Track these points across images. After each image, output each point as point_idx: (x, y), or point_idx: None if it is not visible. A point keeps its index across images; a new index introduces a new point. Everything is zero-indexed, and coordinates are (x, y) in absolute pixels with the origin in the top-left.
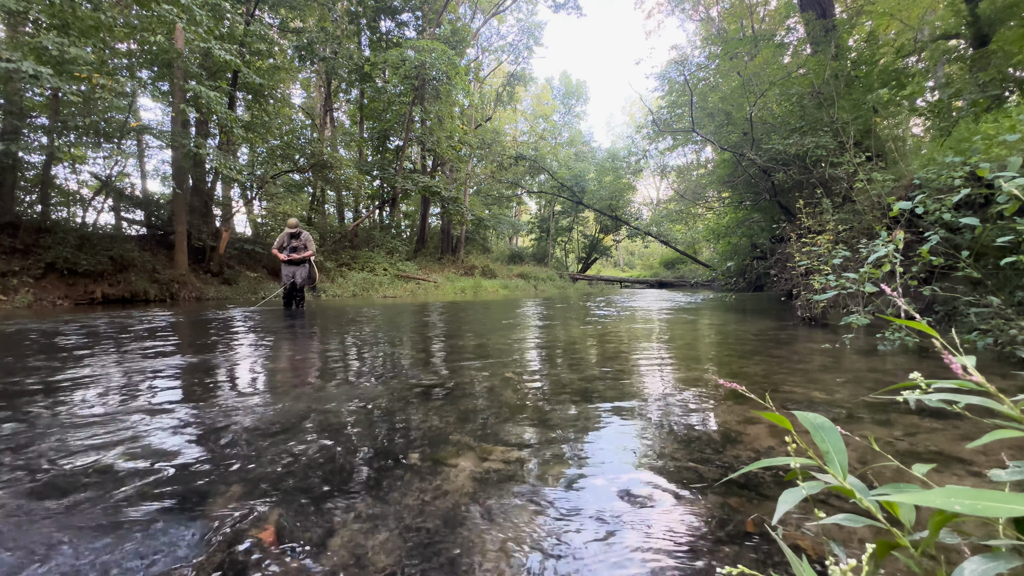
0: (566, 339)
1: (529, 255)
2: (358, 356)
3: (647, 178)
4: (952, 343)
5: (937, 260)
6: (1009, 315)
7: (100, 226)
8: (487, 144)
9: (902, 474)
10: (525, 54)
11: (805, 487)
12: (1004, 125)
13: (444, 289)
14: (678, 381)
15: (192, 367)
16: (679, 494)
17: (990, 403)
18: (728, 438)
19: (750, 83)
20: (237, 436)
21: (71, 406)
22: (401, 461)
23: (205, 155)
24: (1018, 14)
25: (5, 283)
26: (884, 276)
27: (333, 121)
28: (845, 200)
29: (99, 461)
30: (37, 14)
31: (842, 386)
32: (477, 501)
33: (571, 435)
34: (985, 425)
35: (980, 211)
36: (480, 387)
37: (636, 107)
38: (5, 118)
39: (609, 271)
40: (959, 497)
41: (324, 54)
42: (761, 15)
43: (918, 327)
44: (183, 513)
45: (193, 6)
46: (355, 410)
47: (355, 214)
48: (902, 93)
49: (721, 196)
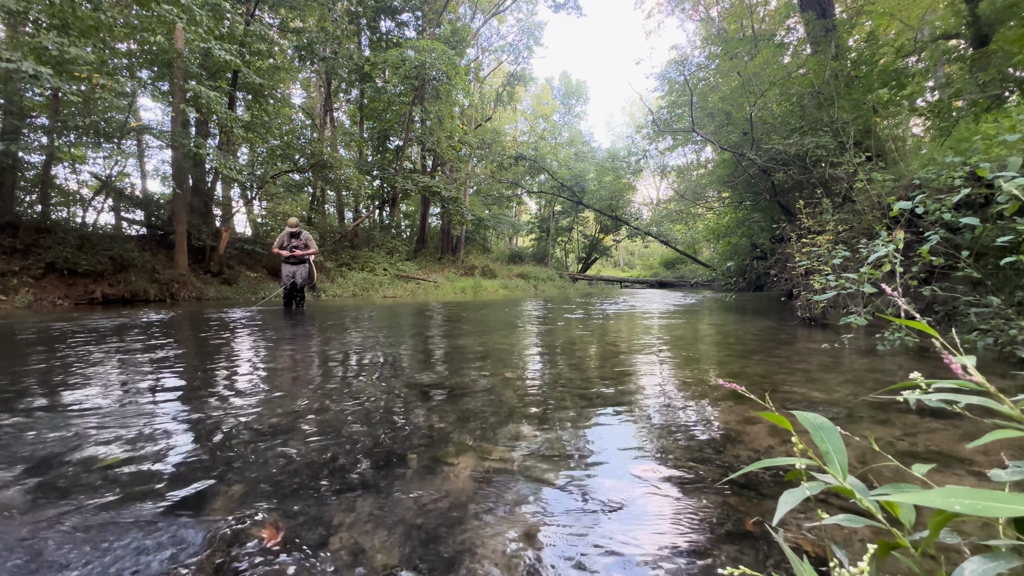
0: (566, 339)
1: (529, 255)
2: (358, 356)
3: (647, 178)
4: (952, 343)
5: (937, 260)
6: (1009, 315)
7: (100, 226)
8: (487, 144)
9: (902, 474)
10: (525, 54)
11: (807, 487)
12: (1004, 125)
13: (444, 289)
14: (678, 381)
15: (192, 367)
16: (679, 494)
17: (990, 403)
18: (728, 438)
19: (750, 83)
20: (237, 436)
21: (71, 406)
22: (401, 460)
23: (205, 155)
24: (1018, 14)
25: (5, 283)
26: (884, 276)
27: (333, 121)
28: (845, 200)
29: (99, 461)
30: (37, 14)
31: (842, 386)
32: (477, 501)
33: (571, 435)
34: (985, 425)
35: (980, 211)
36: (480, 387)
37: (636, 107)
38: (5, 118)
39: (609, 271)
40: (959, 497)
41: (324, 54)
42: (761, 15)
43: (918, 327)
44: (183, 512)
45: (193, 6)
46: (355, 410)
47: (355, 214)
48: (902, 93)
49: (721, 196)
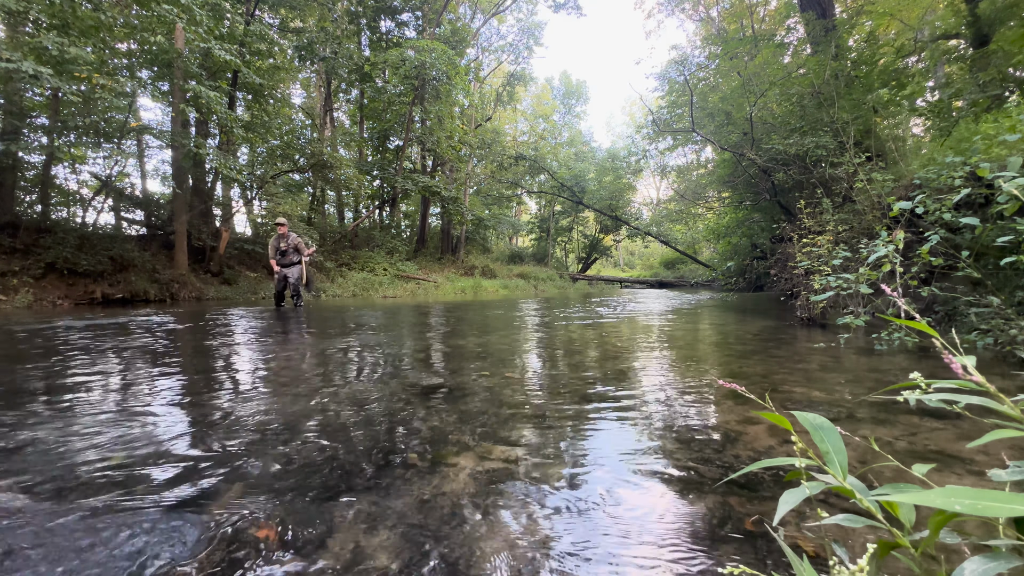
0: (566, 339)
1: (529, 255)
2: (358, 356)
3: (647, 178)
4: (952, 343)
5: (937, 260)
6: (1009, 315)
7: (100, 226)
8: (487, 144)
9: (902, 474)
10: (525, 54)
11: (807, 487)
12: (1004, 125)
13: (444, 289)
14: (678, 381)
15: (192, 367)
16: (679, 494)
17: (990, 403)
18: (728, 438)
19: (750, 83)
20: (237, 435)
21: (71, 406)
22: (401, 460)
23: (205, 155)
24: (1018, 14)
25: (5, 283)
26: (884, 276)
27: (333, 121)
28: (845, 200)
29: (98, 460)
30: (37, 14)
31: (842, 386)
32: (477, 500)
33: (570, 435)
34: (985, 425)
35: (980, 211)
36: (480, 387)
37: (636, 107)
38: (5, 118)
39: (609, 271)
40: (959, 497)
41: (324, 54)
42: (761, 15)
43: (918, 327)
44: (183, 512)
45: (193, 6)
46: (355, 410)
47: (355, 214)
48: (902, 93)
49: (721, 196)
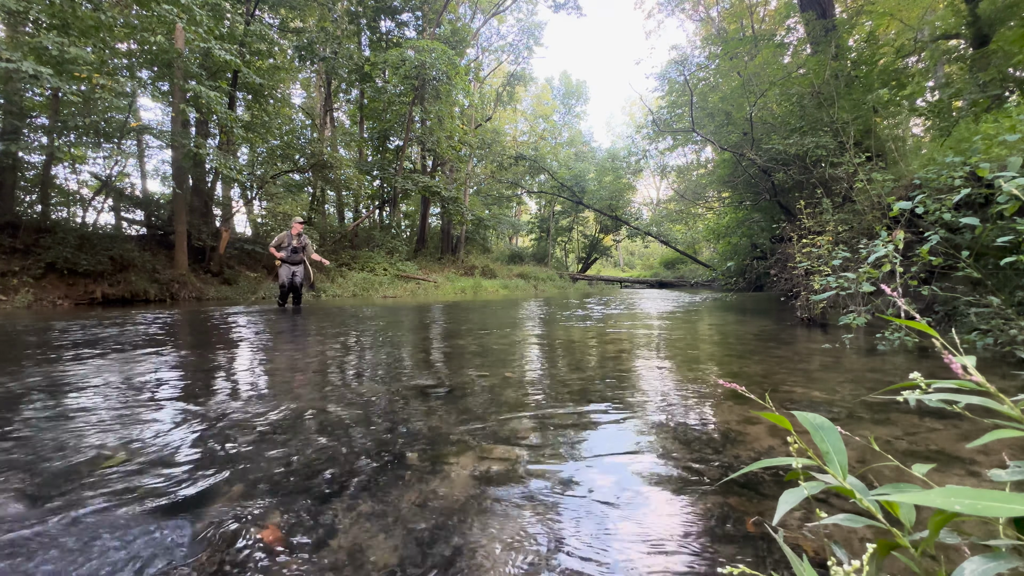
0: (566, 339)
1: (529, 255)
2: (358, 356)
3: (647, 178)
4: (952, 343)
5: (937, 260)
6: (1009, 315)
7: (100, 226)
8: (487, 144)
9: (902, 474)
10: (525, 54)
11: (806, 487)
12: (1004, 125)
13: (444, 289)
14: (678, 381)
15: (192, 367)
16: (679, 494)
17: (990, 403)
18: (728, 438)
19: (750, 83)
20: (237, 435)
21: (71, 406)
22: (401, 460)
23: (205, 155)
24: (1018, 14)
25: (5, 283)
26: (884, 276)
27: (333, 121)
28: (845, 200)
29: (99, 460)
30: (37, 14)
31: (842, 386)
32: (477, 500)
33: (570, 435)
34: (985, 425)
35: (980, 211)
36: (480, 387)
37: (636, 107)
38: (5, 118)
39: (609, 271)
40: (959, 497)
41: (324, 54)
42: (761, 15)
43: (918, 327)
44: (184, 512)
45: (193, 6)
46: (355, 410)
47: (355, 214)
48: (902, 93)
49: (721, 196)
